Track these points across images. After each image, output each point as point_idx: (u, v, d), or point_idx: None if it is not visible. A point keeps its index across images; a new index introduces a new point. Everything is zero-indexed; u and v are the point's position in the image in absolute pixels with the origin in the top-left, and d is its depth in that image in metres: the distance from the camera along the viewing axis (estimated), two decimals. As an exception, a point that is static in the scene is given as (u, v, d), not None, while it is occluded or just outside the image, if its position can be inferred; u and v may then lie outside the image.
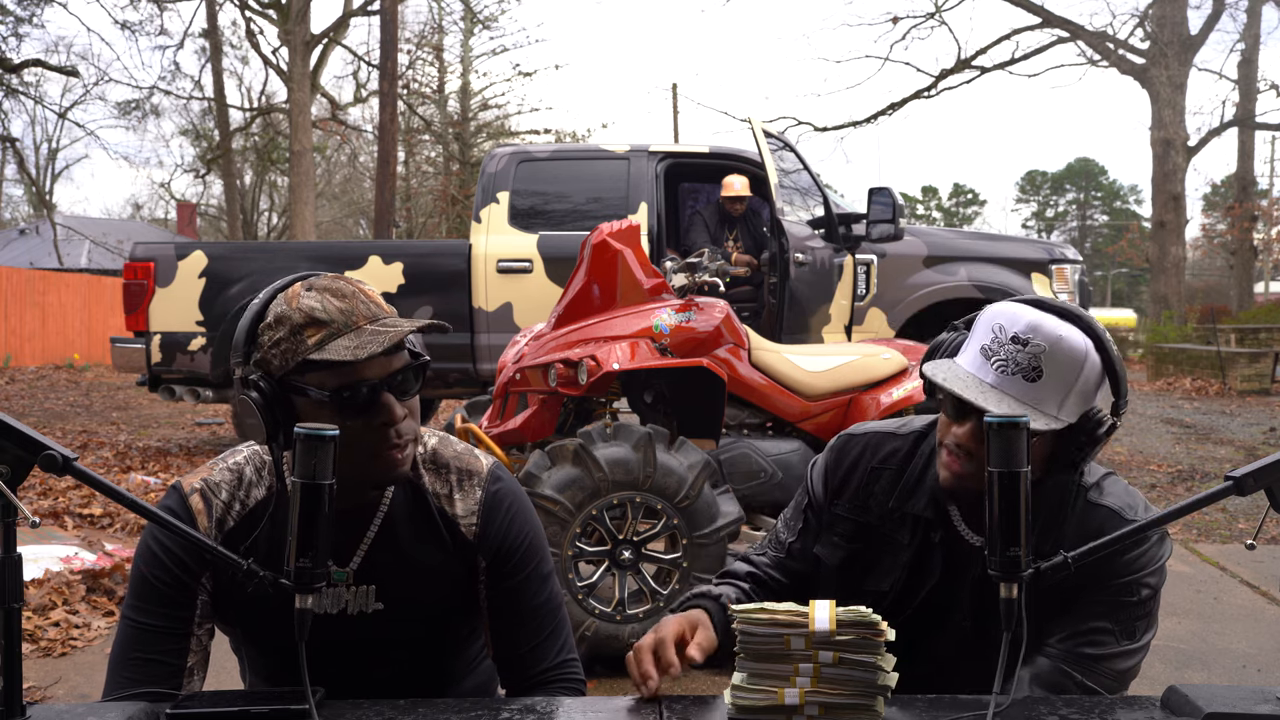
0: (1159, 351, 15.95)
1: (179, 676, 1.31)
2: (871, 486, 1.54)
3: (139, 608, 1.32)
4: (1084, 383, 1.33)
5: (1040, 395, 1.31)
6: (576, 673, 1.45)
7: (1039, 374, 1.31)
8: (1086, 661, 1.37)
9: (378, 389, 1.27)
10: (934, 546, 1.48)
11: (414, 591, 1.40)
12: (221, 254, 6.85)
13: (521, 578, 1.42)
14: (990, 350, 1.34)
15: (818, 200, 5.97)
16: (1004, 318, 1.35)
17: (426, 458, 1.43)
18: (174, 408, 10.79)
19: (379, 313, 1.28)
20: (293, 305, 1.25)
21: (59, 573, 3.87)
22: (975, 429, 1.35)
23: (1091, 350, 1.34)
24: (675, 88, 27.53)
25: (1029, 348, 1.32)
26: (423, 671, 1.48)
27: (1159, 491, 6.31)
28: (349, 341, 1.23)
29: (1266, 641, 3.57)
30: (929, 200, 60.23)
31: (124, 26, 24.55)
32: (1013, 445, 1.09)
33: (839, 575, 1.54)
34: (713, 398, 3.44)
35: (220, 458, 1.42)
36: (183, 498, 1.35)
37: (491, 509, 1.42)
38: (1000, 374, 1.32)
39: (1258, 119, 22.83)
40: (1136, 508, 1.42)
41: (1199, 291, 34.47)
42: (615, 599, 3.15)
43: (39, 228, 28.18)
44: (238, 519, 1.35)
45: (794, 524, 1.62)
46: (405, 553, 1.39)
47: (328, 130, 26.82)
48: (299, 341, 1.24)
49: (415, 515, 1.40)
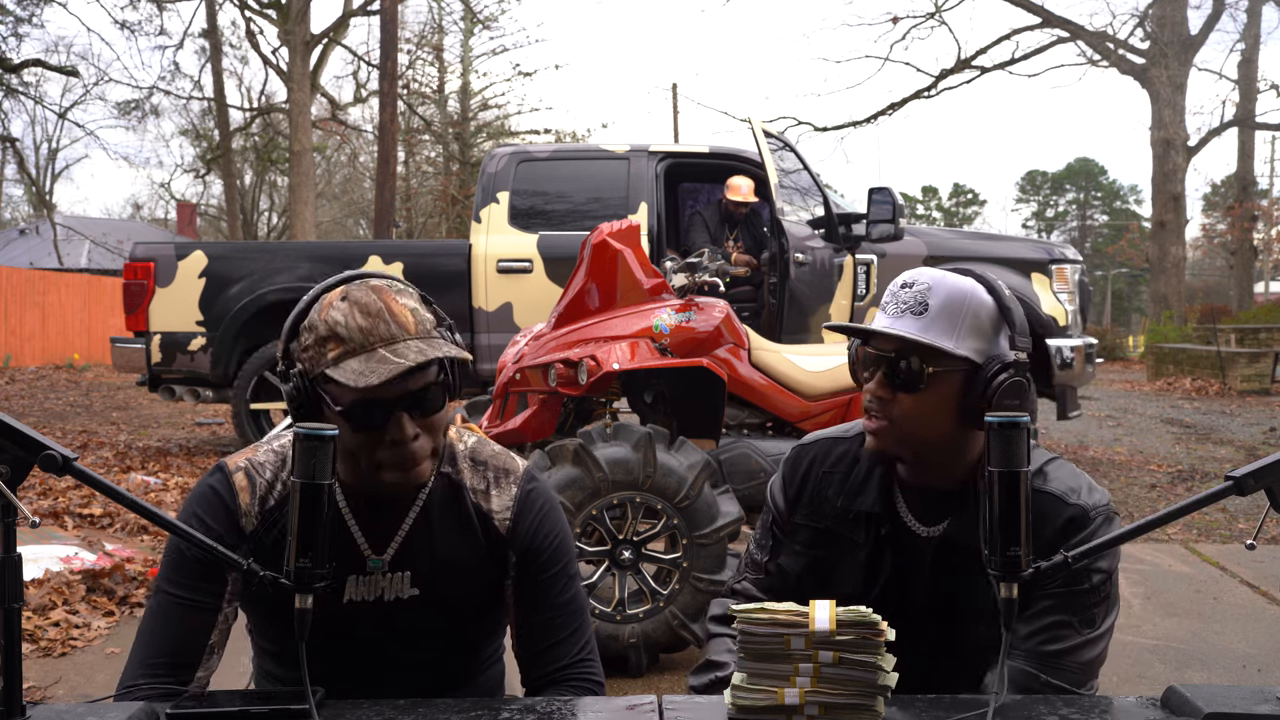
0: (1159, 351, 15.95)
1: (200, 653, 1.34)
2: (824, 491, 1.56)
3: (173, 580, 1.36)
4: (974, 317, 1.40)
5: (929, 326, 1.38)
6: (595, 673, 1.47)
7: (925, 308, 1.39)
8: (1049, 659, 1.37)
9: (390, 409, 1.29)
10: (883, 541, 1.50)
11: (445, 581, 1.43)
12: (221, 254, 6.85)
13: (549, 575, 1.46)
14: (885, 304, 1.44)
15: (818, 200, 5.96)
16: (897, 280, 1.45)
17: (466, 454, 1.47)
18: (174, 408, 10.78)
19: (399, 334, 1.29)
20: (323, 315, 1.30)
21: (59, 573, 3.87)
22: (881, 381, 1.42)
23: (979, 289, 1.42)
24: (675, 88, 27.56)
25: (914, 288, 1.41)
26: (447, 662, 1.50)
27: (1159, 491, 6.31)
28: (358, 365, 1.27)
29: (1266, 641, 3.57)
30: (929, 200, 60.23)
31: (124, 26, 24.60)
32: (1013, 445, 1.08)
33: (804, 583, 1.55)
34: (713, 398, 3.44)
35: (264, 440, 1.47)
36: (226, 476, 1.39)
37: (525, 507, 1.46)
38: (894, 317, 1.41)
39: (1258, 119, 22.84)
40: (1079, 489, 1.42)
41: (1199, 291, 34.46)
42: (615, 599, 3.15)
43: (39, 228, 28.20)
44: (279, 499, 1.39)
45: (765, 543, 1.64)
46: (439, 543, 1.43)
47: (328, 130, 26.84)
48: (321, 353, 1.29)
49: (452, 508, 1.44)
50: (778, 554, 1.61)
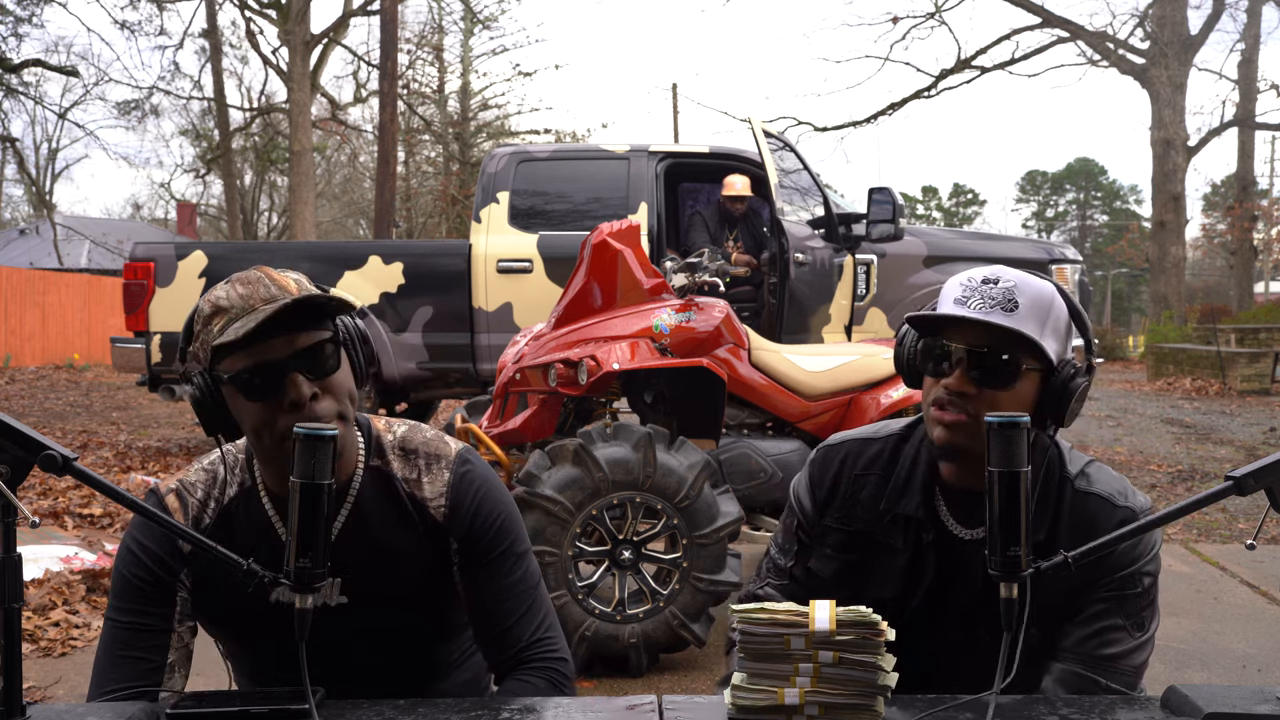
0: (1159, 351, 15.95)
1: (159, 673, 1.33)
2: (857, 494, 1.52)
3: (120, 607, 1.35)
4: (1056, 319, 1.39)
5: (1022, 323, 1.35)
6: (557, 649, 1.44)
7: (1015, 305, 1.35)
8: (1106, 663, 1.37)
9: (280, 368, 1.26)
10: (927, 546, 1.47)
11: (385, 580, 1.40)
12: (221, 254, 6.85)
13: (494, 556, 1.43)
14: (964, 299, 1.37)
15: (818, 200, 5.96)
16: (966, 276, 1.40)
17: (395, 444, 1.44)
18: (174, 408, 10.78)
19: (279, 295, 1.28)
20: (207, 298, 1.29)
21: (59, 573, 3.87)
22: (963, 376, 1.37)
23: (1057, 293, 1.40)
24: (675, 88, 27.56)
25: (1000, 285, 1.37)
26: (404, 663, 1.48)
27: (1159, 491, 6.31)
28: (241, 324, 1.25)
29: (1266, 641, 3.57)
30: (929, 200, 60.21)
31: (124, 26, 24.57)
32: (1013, 445, 1.08)
33: (836, 587, 1.51)
34: (713, 398, 3.44)
35: (198, 459, 1.45)
36: (159, 498, 1.39)
37: (460, 490, 1.43)
38: (980, 312, 1.35)
39: (1258, 119, 22.83)
40: (1126, 493, 1.42)
41: (1199, 291, 34.46)
42: (615, 599, 3.15)
43: (39, 228, 28.19)
44: (213, 516, 1.38)
45: (789, 548, 1.60)
46: (376, 540, 1.40)
47: (328, 130, 26.83)
48: (208, 330, 1.28)
49: (384, 502, 1.41)
50: (804, 558, 1.57)
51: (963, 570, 1.45)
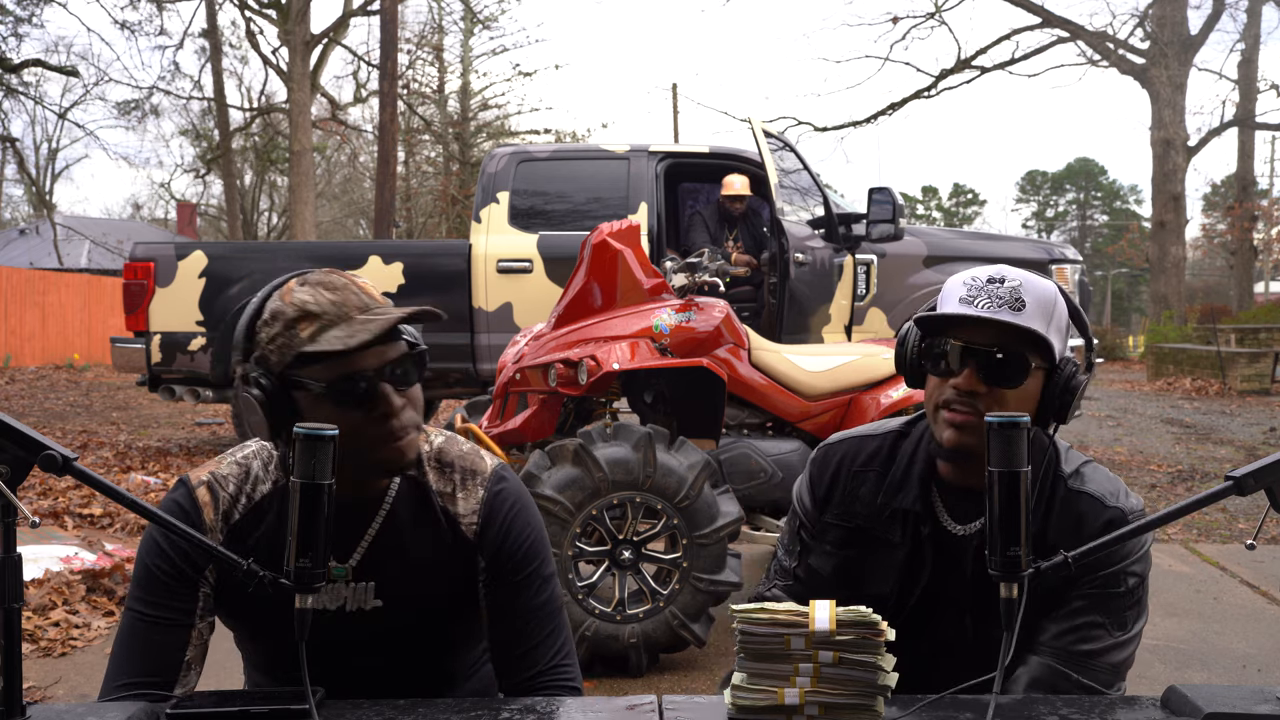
0: (1159, 351, 15.95)
1: (176, 670, 1.32)
2: (856, 490, 1.53)
3: (142, 599, 1.33)
4: (1059, 318, 1.41)
5: (1030, 322, 1.36)
6: (572, 678, 1.43)
7: (1022, 304, 1.36)
8: (1081, 659, 1.37)
9: (374, 379, 1.27)
10: (924, 541, 1.47)
11: (413, 588, 1.40)
12: (221, 254, 6.85)
13: (521, 578, 1.41)
14: (970, 298, 1.37)
15: (818, 200, 5.96)
16: (969, 275, 1.40)
17: (431, 456, 1.43)
18: (174, 408, 10.79)
19: (371, 303, 1.29)
20: (286, 300, 1.27)
21: (59, 573, 3.87)
22: (973, 375, 1.37)
23: (1058, 292, 1.42)
24: (675, 88, 27.55)
25: (1006, 284, 1.37)
26: (422, 670, 1.47)
27: (1159, 491, 6.31)
28: (341, 332, 1.24)
29: (1266, 641, 3.57)
30: (929, 200, 60.19)
31: (124, 26, 24.58)
32: (1013, 445, 1.08)
33: (835, 584, 1.52)
34: (713, 398, 3.44)
35: (229, 452, 1.42)
36: (189, 490, 1.37)
37: (493, 509, 1.41)
38: (988, 311, 1.35)
39: (1258, 119, 22.84)
40: (1118, 493, 1.42)
41: (1199, 291, 34.46)
42: (615, 599, 3.15)
43: (39, 228, 28.19)
44: (244, 512, 1.37)
45: (793, 548, 1.61)
46: (406, 549, 1.39)
47: (328, 130, 26.83)
48: (293, 335, 1.25)
49: (418, 512, 1.40)
50: (806, 557, 1.58)
51: (955, 565, 1.46)
